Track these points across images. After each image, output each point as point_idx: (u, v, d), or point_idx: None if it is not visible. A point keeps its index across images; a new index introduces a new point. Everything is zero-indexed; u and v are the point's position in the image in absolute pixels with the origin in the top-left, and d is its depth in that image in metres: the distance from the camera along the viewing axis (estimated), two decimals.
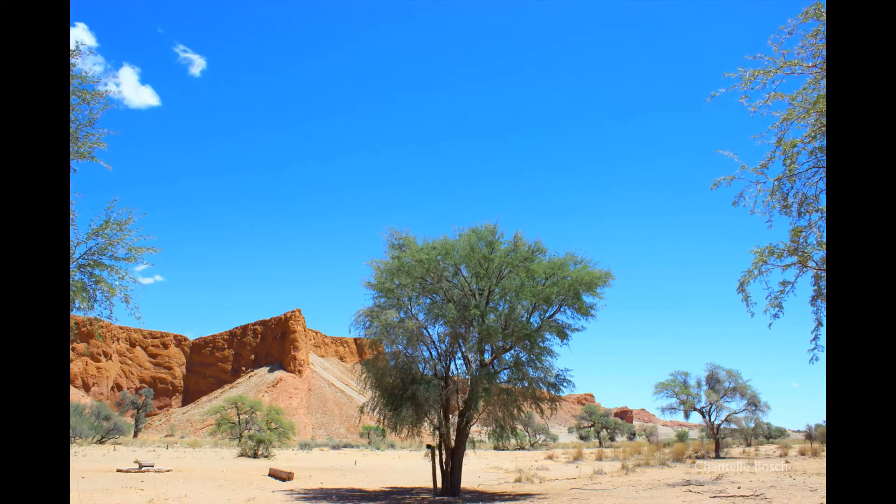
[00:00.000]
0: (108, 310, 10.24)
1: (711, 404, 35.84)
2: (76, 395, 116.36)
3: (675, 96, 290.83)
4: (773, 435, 56.83)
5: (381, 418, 17.33)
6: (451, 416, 16.82)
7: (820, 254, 8.56)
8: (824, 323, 8.73)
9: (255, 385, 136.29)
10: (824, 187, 8.34)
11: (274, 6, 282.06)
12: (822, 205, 8.44)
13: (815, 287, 8.84)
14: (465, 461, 17.13)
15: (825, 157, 7.73)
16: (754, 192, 8.91)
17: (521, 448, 54.25)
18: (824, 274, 8.66)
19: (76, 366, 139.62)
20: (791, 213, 8.75)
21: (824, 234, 8.44)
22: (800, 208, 8.65)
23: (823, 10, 7.66)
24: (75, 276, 9.92)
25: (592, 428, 66.20)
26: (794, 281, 8.96)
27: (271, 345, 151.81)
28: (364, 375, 17.46)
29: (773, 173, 8.74)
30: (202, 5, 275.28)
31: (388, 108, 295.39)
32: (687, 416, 36.51)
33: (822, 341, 8.84)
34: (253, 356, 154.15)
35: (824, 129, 7.77)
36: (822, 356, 8.62)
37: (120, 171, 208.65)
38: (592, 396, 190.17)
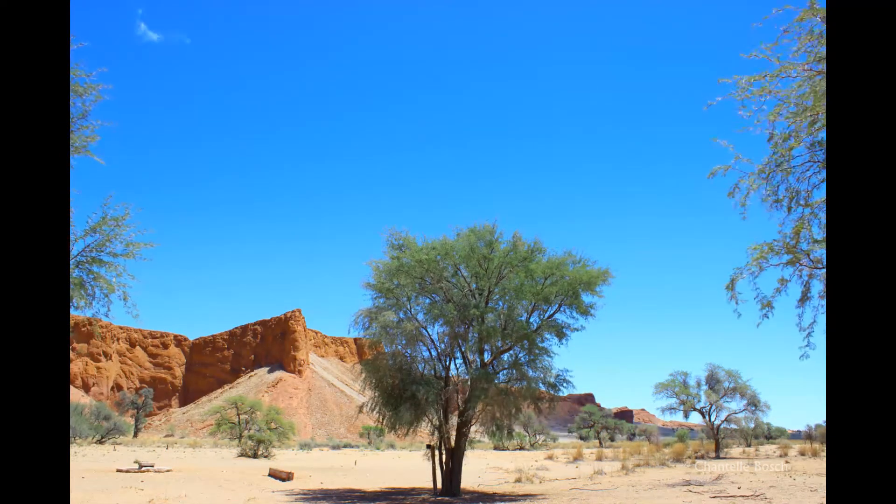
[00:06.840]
0: (106, 307, 10.18)
1: (711, 404, 35.86)
2: (76, 395, 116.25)
3: (675, 94, 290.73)
4: (773, 435, 56.85)
5: (381, 418, 17.33)
6: (450, 416, 16.82)
7: (814, 253, 8.55)
8: (818, 321, 8.73)
9: (255, 385, 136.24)
10: (818, 182, 8.32)
11: (274, 5, 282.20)
12: (814, 200, 8.40)
13: (806, 285, 8.82)
14: (465, 461, 17.12)
15: (823, 152, 7.71)
16: (748, 183, 8.86)
17: (521, 448, 54.21)
18: (818, 272, 8.64)
19: (76, 366, 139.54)
20: (781, 206, 8.72)
21: (817, 231, 8.41)
22: (790, 203, 8.62)
23: (822, 7, 7.64)
24: (73, 273, 9.85)
25: (592, 428, 66.17)
26: (790, 279, 8.95)
27: (271, 345, 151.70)
28: (364, 376, 17.46)
29: (768, 167, 8.70)
30: (201, 5, 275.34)
31: (389, 108, 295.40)
32: (687, 416, 36.57)
33: (815, 339, 8.83)
34: (253, 356, 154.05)
35: (822, 124, 7.75)
36: (814, 354, 8.62)
37: (120, 170, 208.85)
38: (592, 396, 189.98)
